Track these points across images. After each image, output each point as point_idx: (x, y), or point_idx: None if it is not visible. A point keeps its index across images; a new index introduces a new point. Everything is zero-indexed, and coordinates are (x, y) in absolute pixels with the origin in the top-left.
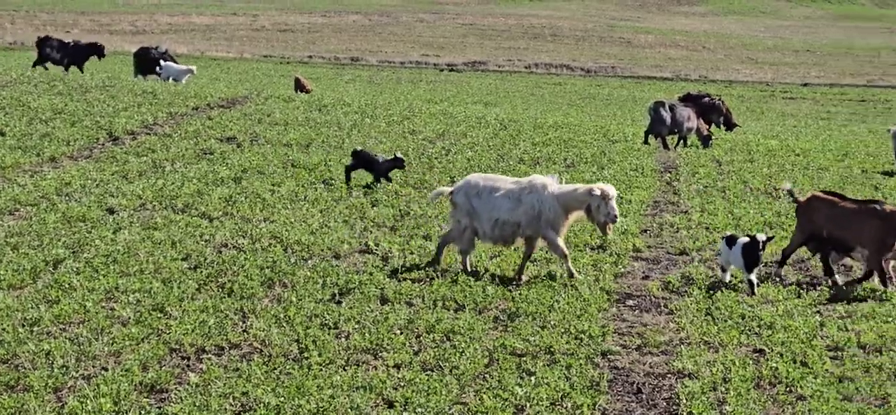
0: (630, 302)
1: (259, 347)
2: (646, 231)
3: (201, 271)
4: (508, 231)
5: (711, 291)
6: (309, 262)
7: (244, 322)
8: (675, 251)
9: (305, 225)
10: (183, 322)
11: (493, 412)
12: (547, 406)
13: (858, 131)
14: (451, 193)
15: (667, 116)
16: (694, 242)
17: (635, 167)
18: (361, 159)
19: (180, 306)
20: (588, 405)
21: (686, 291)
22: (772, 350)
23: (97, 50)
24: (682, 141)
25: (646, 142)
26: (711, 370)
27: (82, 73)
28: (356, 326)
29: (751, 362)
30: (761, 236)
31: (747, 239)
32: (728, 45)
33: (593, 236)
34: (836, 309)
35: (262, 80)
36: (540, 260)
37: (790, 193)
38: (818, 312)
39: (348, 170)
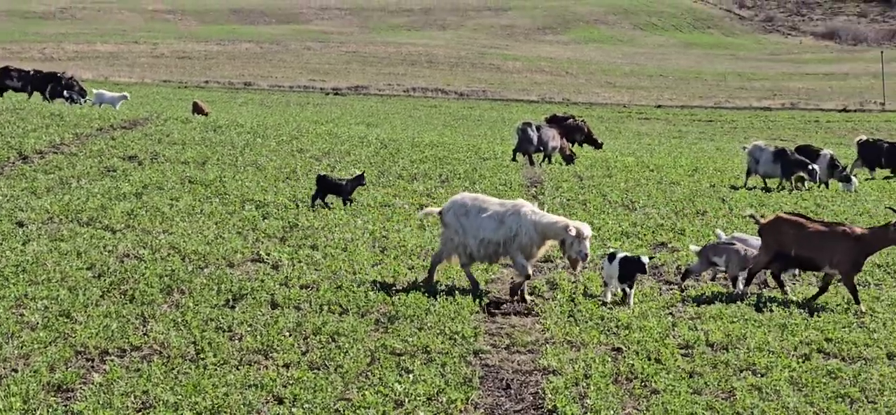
0: (500, 305)
1: (158, 348)
2: None
3: (105, 279)
4: (491, 250)
5: (574, 295)
6: (205, 270)
7: (145, 326)
8: (541, 259)
9: (201, 236)
10: (88, 326)
11: (374, 407)
12: (424, 401)
13: (707, 148)
14: (441, 212)
15: (533, 135)
16: (557, 251)
17: (504, 182)
18: (326, 185)
19: (85, 312)
20: (461, 400)
21: (551, 295)
22: (628, 348)
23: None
24: (547, 159)
25: (513, 159)
26: (574, 367)
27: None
28: (248, 328)
29: (610, 359)
30: (645, 258)
31: (625, 256)
32: (589, 71)
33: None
34: (687, 310)
35: (162, 103)
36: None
37: (752, 216)
38: (670, 313)
39: (314, 198)
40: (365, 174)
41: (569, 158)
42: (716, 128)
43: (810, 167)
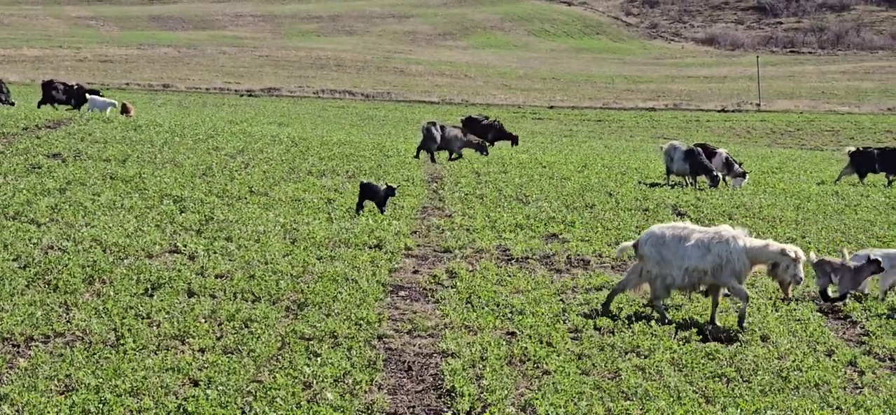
0: (402, 292)
1: (80, 335)
2: (415, 232)
3: (30, 270)
4: (696, 278)
5: (471, 283)
6: (125, 261)
7: (67, 314)
8: (441, 249)
9: (122, 229)
10: (13, 314)
11: (284, 389)
12: (331, 383)
13: (596, 147)
14: (636, 245)
15: (437, 134)
16: (457, 242)
17: (407, 178)
18: (367, 191)
19: (11, 301)
20: (366, 381)
21: (450, 284)
22: (522, 333)
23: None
24: (457, 156)
25: (416, 156)
26: (471, 350)
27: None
28: (166, 316)
29: (504, 342)
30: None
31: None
32: (486, 74)
33: (371, 237)
34: (577, 297)
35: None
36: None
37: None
38: (561, 299)
39: (359, 204)
40: (396, 187)
41: (482, 149)
42: (604, 127)
43: (714, 174)
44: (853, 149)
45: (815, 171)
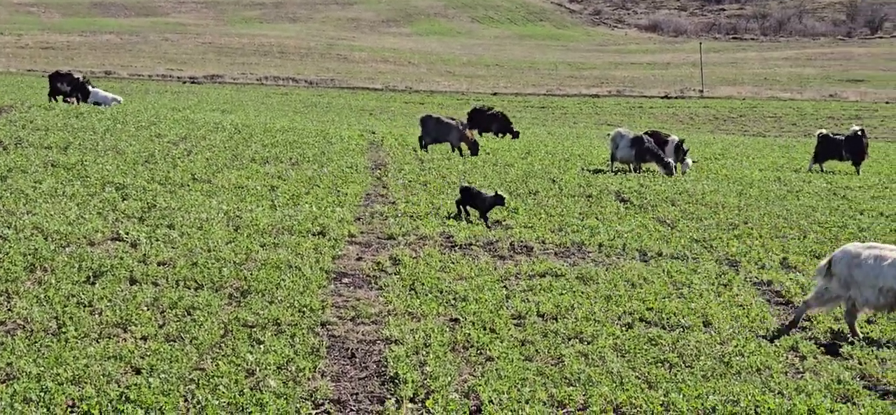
0: (346, 280)
1: (22, 323)
2: (359, 219)
3: None
4: (891, 298)
5: (415, 270)
6: (66, 249)
7: (9, 302)
8: (385, 236)
9: (64, 217)
10: None
11: (227, 376)
12: (274, 370)
13: (539, 133)
14: (830, 263)
15: (432, 125)
16: (400, 228)
17: (350, 165)
18: (470, 196)
19: None
20: (309, 368)
21: (394, 270)
22: (466, 319)
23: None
24: (456, 150)
25: (424, 148)
26: (414, 337)
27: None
28: (108, 303)
29: (448, 329)
30: None
31: None
32: (430, 61)
33: (315, 224)
34: (520, 283)
35: (26, 91)
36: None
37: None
38: (505, 286)
39: (459, 203)
40: (505, 197)
41: (474, 147)
42: (548, 114)
43: (666, 161)
44: (824, 132)
45: (758, 157)
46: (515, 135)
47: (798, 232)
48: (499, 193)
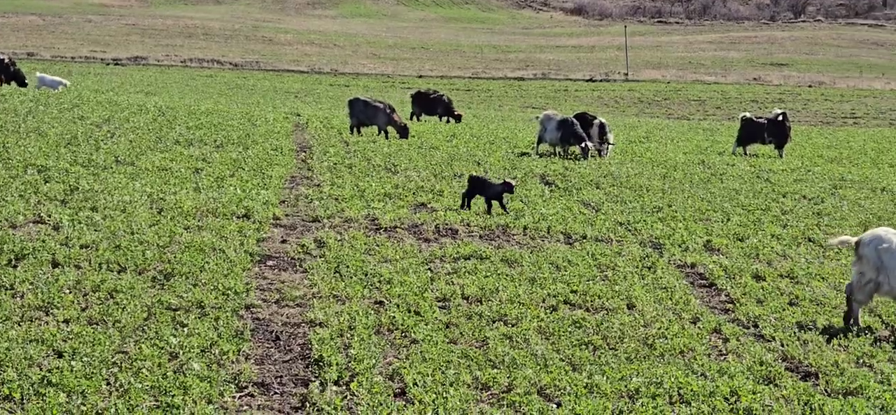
0: (270, 262)
1: None
2: (284, 202)
3: None
4: None
5: (339, 253)
6: None
7: None
8: (309, 219)
9: None
10: None
11: (150, 359)
12: (198, 353)
13: (464, 116)
14: (858, 244)
15: (360, 109)
16: (325, 211)
17: (275, 147)
18: (478, 185)
19: None
20: (233, 351)
21: (318, 253)
22: (390, 302)
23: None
24: (383, 132)
25: (352, 133)
26: (339, 320)
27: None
28: (30, 287)
29: (373, 312)
30: None
31: None
32: (355, 44)
33: (239, 207)
34: (445, 266)
35: None
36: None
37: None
38: (429, 268)
39: (466, 195)
40: (514, 183)
41: (403, 131)
42: (473, 96)
43: (585, 145)
44: (747, 115)
45: (682, 140)
46: (458, 118)
47: (721, 215)
48: (508, 180)
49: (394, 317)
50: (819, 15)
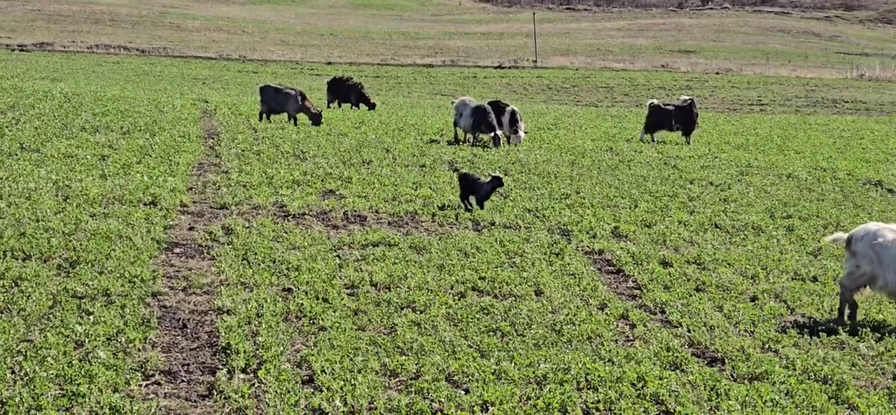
0: (177, 250)
1: None
2: (191, 189)
3: None
4: None
5: (247, 240)
6: None
7: None
8: (217, 206)
9: None
10: None
11: (56, 347)
12: (104, 341)
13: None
14: (850, 239)
15: (270, 96)
16: (233, 198)
17: (182, 134)
18: (468, 183)
19: None
20: (139, 339)
21: (226, 240)
22: (298, 289)
23: None
24: (292, 120)
25: (260, 119)
26: (247, 307)
27: None
28: None
29: (280, 299)
30: None
31: None
32: (264, 30)
33: (146, 194)
34: (353, 253)
35: None
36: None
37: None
38: (338, 256)
39: (463, 198)
40: (502, 177)
41: (316, 118)
42: (382, 83)
43: (496, 134)
44: (655, 102)
45: (590, 127)
46: (372, 106)
47: (629, 201)
48: (496, 174)
49: (302, 304)
50: (726, 2)
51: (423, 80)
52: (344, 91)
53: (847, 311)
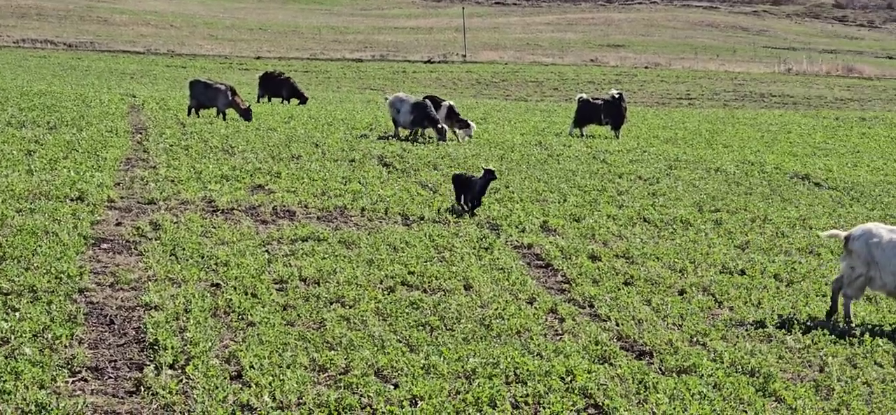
0: (105, 245)
1: None
2: (119, 184)
3: None
4: None
5: (175, 235)
6: None
7: None
8: (145, 201)
9: None
10: None
11: None
12: (30, 338)
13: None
14: (847, 238)
15: (200, 91)
16: (161, 193)
17: (110, 129)
18: (462, 184)
19: None
20: (66, 336)
21: (154, 236)
22: (227, 284)
23: None
24: (221, 115)
25: (189, 114)
26: (175, 303)
27: None
28: None
29: (209, 294)
30: None
31: None
32: (192, 24)
33: (73, 190)
34: (282, 248)
35: None
36: None
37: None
38: (267, 251)
39: (457, 199)
40: (494, 170)
41: (246, 114)
42: (311, 78)
43: (441, 127)
44: (584, 96)
45: (520, 121)
46: (303, 100)
47: (558, 196)
48: (487, 168)
49: (230, 299)
50: None
51: (352, 75)
52: (275, 86)
53: (842, 310)
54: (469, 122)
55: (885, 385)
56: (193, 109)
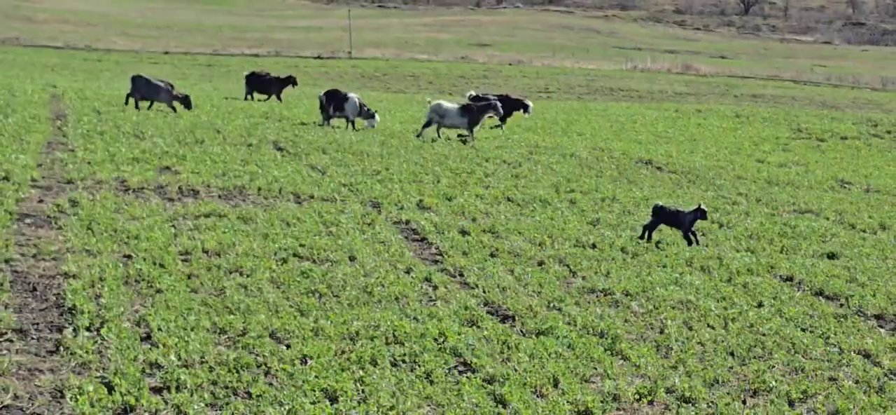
0: (28, 220)
1: None
2: (41, 165)
3: None
4: None
5: (92, 211)
6: None
7: None
8: (64, 181)
9: None
10: None
11: None
12: None
13: (206, 88)
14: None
15: (142, 84)
16: (79, 174)
17: (33, 116)
18: (663, 215)
19: None
20: None
21: (72, 212)
22: (138, 255)
23: None
24: (171, 107)
25: (126, 103)
26: (90, 272)
27: None
28: None
29: (121, 264)
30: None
31: None
32: (107, 22)
33: (0, 170)
34: (187, 223)
35: None
36: None
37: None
38: (173, 226)
39: (648, 228)
40: (706, 210)
41: (185, 102)
42: (214, 71)
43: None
44: (473, 93)
45: (399, 111)
46: (281, 91)
47: (433, 177)
48: (701, 207)
49: (141, 269)
50: (518, 1)
51: (251, 69)
52: (263, 84)
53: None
54: (374, 112)
55: (716, 345)
56: (135, 100)
